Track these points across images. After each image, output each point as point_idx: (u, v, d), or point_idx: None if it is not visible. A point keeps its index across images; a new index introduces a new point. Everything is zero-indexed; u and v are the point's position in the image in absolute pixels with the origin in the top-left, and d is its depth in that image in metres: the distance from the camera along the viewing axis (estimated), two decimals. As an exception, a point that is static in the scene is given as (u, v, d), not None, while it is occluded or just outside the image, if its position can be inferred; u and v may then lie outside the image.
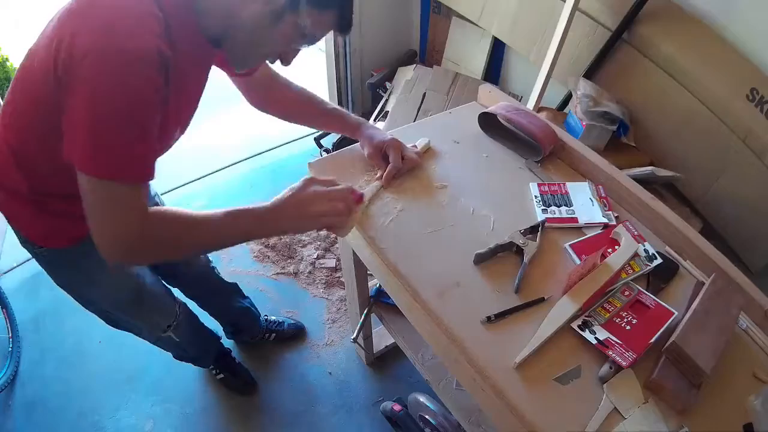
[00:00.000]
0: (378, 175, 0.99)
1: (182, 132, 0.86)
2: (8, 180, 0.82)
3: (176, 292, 1.29)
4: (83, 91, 0.61)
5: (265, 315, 1.69)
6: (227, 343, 1.64)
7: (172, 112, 0.75)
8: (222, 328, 1.62)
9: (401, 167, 0.98)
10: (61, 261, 0.94)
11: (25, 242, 0.91)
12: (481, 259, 0.83)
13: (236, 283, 1.55)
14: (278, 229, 0.82)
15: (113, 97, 0.61)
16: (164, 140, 0.80)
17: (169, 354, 1.38)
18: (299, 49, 0.77)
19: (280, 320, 1.71)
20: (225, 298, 1.52)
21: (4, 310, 1.68)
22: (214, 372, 1.57)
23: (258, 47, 0.74)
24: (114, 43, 0.59)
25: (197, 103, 0.86)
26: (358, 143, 1.05)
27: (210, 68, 0.86)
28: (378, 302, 1.33)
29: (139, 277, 1.07)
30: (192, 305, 1.41)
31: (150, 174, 0.69)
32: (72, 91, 0.62)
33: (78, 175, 0.65)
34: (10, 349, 1.62)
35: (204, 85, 0.86)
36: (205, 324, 1.46)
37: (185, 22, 0.69)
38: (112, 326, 1.14)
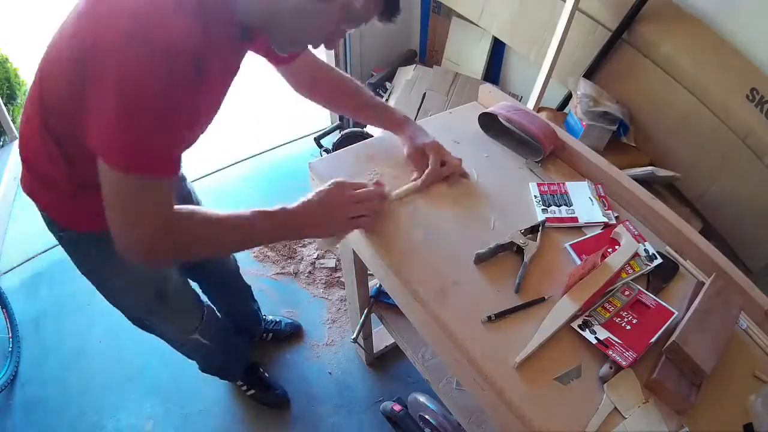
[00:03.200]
0: (414, 177, 0.97)
1: (204, 130, 0.83)
2: (44, 168, 0.78)
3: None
4: (109, 81, 0.57)
5: (264, 315, 1.69)
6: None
7: (202, 107, 0.71)
8: None
9: (440, 173, 0.95)
10: (88, 245, 0.89)
11: (51, 224, 0.87)
12: (481, 259, 0.83)
13: (250, 286, 1.55)
14: (307, 233, 0.82)
15: (142, 87, 0.57)
16: (190, 137, 0.76)
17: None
18: (345, 32, 0.75)
19: (277, 320, 1.71)
20: (242, 297, 1.53)
21: (4, 310, 1.68)
22: (243, 388, 1.54)
23: (305, 29, 0.70)
24: (144, 32, 0.56)
25: (221, 103, 0.81)
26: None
27: (238, 69, 0.81)
28: (378, 302, 1.33)
29: (165, 272, 1.03)
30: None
31: (176, 169, 0.66)
32: (96, 80, 0.59)
33: (100, 167, 0.61)
34: (10, 349, 1.62)
35: (230, 83, 0.81)
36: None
37: (222, 10, 0.65)
38: (140, 327, 1.11)
